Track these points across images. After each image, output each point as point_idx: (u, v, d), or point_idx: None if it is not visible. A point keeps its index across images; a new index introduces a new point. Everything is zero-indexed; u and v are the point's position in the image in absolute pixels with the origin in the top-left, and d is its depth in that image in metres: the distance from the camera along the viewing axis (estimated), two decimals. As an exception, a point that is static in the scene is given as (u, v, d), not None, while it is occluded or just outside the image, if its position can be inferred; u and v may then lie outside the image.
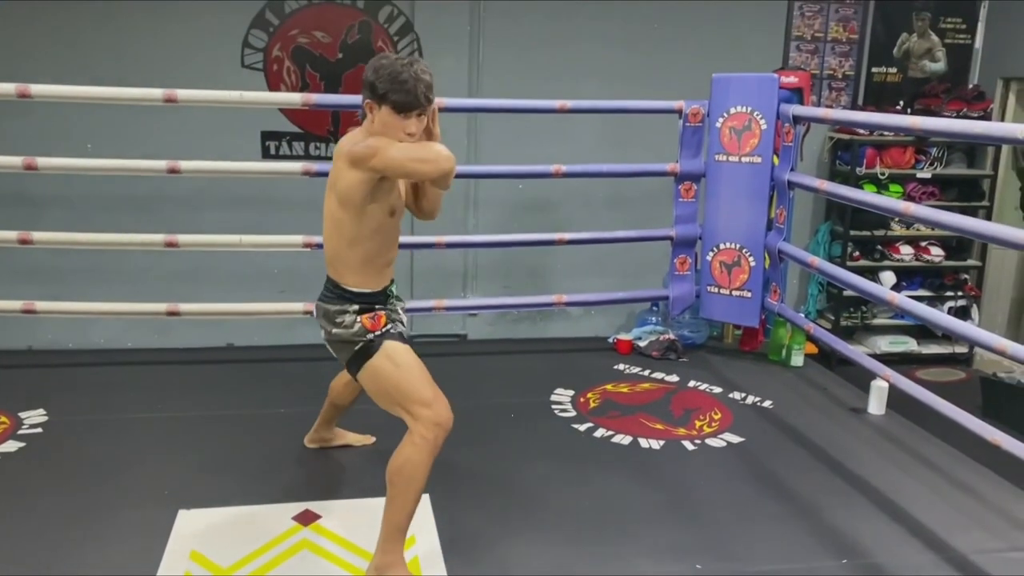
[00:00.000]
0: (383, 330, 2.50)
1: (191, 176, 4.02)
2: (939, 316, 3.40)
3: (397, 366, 2.47)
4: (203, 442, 3.37)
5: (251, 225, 4.29)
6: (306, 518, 2.79)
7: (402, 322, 2.62)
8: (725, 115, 4.37)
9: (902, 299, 3.53)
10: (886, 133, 4.91)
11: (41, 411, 3.57)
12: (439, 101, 4.03)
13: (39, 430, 3.41)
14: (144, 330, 4.54)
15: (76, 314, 4.12)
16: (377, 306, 2.53)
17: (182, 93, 3.77)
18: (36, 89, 3.68)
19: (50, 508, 2.82)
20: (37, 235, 3.92)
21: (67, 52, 4.25)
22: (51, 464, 3.14)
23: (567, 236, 4.43)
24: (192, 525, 2.74)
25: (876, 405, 3.88)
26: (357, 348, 2.48)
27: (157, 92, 3.76)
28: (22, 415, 3.53)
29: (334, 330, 2.50)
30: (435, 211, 2.74)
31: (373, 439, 3.36)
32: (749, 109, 4.32)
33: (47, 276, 4.37)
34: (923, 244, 5.21)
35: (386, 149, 2.35)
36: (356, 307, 2.50)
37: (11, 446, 3.26)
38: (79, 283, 4.38)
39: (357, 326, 2.48)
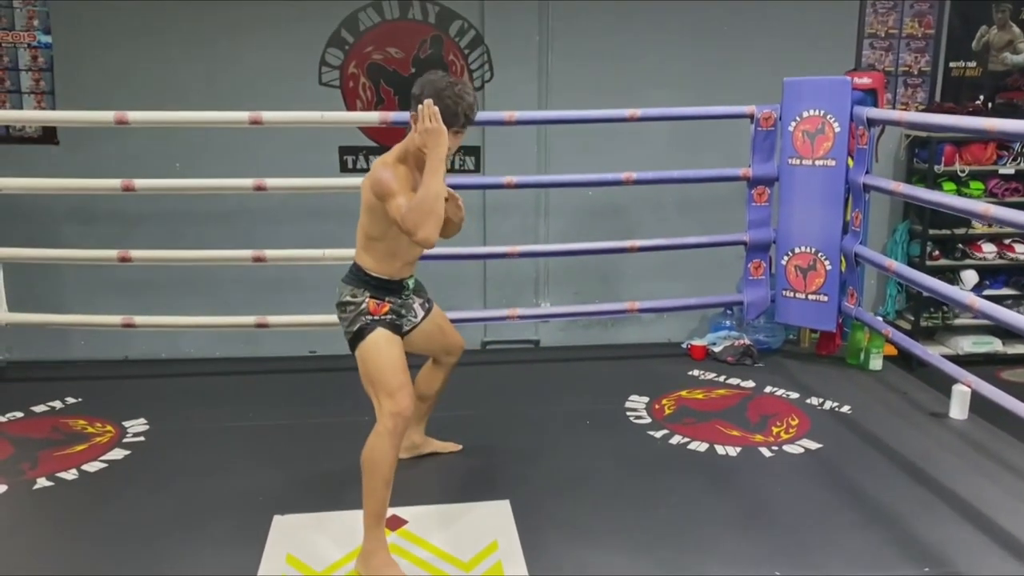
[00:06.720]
0: (381, 317, 2.74)
1: (274, 191, 4.20)
2: (1021, 320, 3.33)
3: (378, 353, 2.70)
4: (292, 449, 3.52)
5: (330, 236, 4.44)
6: (393, 523, 2.90)
7: (411, 315, 2.89)
8: (798, 119, 4.35)
9: (982, 303, 3.46)
10: (965, 130, 4.80)
11: (142, 420, 3.78)
12: (510, 114, 4.19)
13: (142, 438, 3.62)
14: (232, 340, 4.73)
15: (172, 327, 4.34)
16: (388, 297, 2.77)
17: (267, 115, 3.95)
18: (133, 116, 3.90)
19: (155, 513, 3.01)
20: (135, 253, 4.14)
21: (159, 79, 4.47)
22: (154, 471, 3.33)
23: (639, 243, 4.46)
24: (286, 530, 2.88)
25: (958, 409, 3.82)
26: (357, 327, 2.72)
27: (243, 115, 3.94)
28: (125, 424, 3.74)
29: (347, 304, 2.75)
30: (448, 235, 2.91)
31: (460, 447, 3.46)
32: (822, 112, 4.29)
33: (139, 288, 4.59)
34: (1007, 241, 5.06)
35: (395, 197, 2.60)
36: (368, 292, 2.74)
37: (118, 454, 3.47)
38: (169, 294, 4.60)
39: (363, 306, 2.73)
